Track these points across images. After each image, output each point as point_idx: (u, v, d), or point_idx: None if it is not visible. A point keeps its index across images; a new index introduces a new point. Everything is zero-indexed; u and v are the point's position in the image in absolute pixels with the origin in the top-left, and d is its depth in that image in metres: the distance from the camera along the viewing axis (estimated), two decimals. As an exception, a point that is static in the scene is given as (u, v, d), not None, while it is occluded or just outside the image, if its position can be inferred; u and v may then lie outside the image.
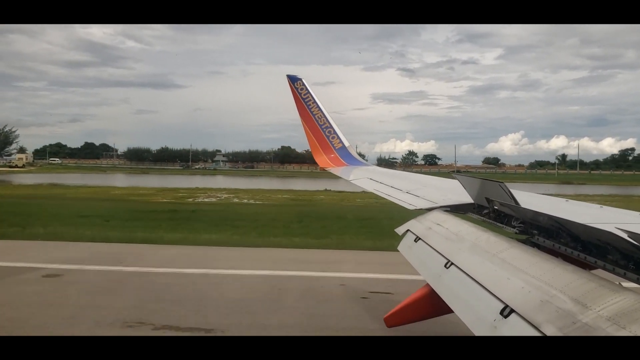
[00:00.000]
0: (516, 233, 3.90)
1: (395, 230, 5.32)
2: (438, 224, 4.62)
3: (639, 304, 2.12)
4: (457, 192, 5.38)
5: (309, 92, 10.68)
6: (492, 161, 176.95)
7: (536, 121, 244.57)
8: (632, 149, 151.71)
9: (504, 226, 4.10)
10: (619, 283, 2.50)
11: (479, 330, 2.72)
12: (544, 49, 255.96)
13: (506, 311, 2.63)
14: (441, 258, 3.84)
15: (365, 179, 8.45)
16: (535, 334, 2.31)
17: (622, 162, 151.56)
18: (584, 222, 3.06)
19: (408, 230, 4.98)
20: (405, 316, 4.56)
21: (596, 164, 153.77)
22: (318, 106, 10.72)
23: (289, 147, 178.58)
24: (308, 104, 10.68)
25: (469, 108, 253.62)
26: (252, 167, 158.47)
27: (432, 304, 4.09)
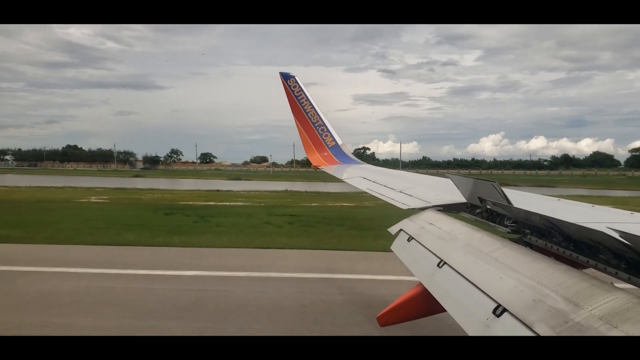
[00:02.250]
0: (509, 232, 3.92)
1: (388, 229, 5.33)
2: (431, 224, 4.63)
3: (631, 304, 2.13)
4: (450, 191, 5.39)
5: (301, 90, 10.64)
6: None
7: (516, 122, 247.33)
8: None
9: (497, 225, 4.11)
10: (611, 282, 2.51)
11: (471, 330, 2.73)
12: (522, 51, 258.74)
13: (499, 310, 2.63)
14: (434, 257, 3.85)
15: (359, 178, 8.45)
16: (528, 333, 2.32)
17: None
18: (576, 222, 3.08)
19: (401, 229, 4.99)
20: (398, 315, 4.57)
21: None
22: (311, 104, 10.69)
23: (76, 146, 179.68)
24: (301, 101, 10.64)
25: (450, 109, 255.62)
26: (35, 166, 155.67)
27: (425, 303, 4.10)
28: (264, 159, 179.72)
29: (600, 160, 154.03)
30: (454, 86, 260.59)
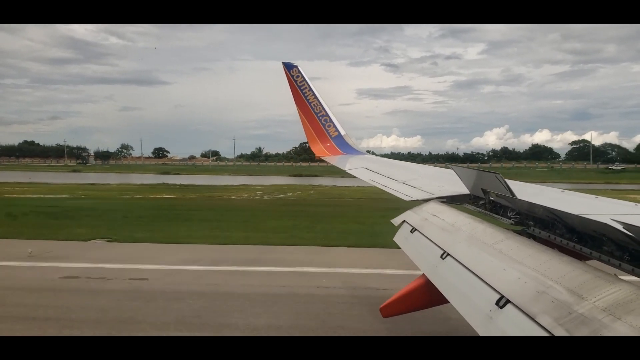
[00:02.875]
0: (512, 224, 3.92)
1: (391, 221, 5.33)
2: (434, 215, 4.63)
3: (635, 295, 2.14)
4: (453, 182, 5.39)
5: (304, 80, 10.57)
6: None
7: (520, 115, 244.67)
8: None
9: (500, 217, 4.11)
10: (615, 274, 2.52)
11: (474, 321, 2.74)
12: (526, 44, 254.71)
13: (502, 302, 2.64)
14: (437, 249, 3.86)
15: (362, 169, 8.43)
16: (531, 324, 2.33)
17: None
18: (579, 213, 3.07)
19: (404, 221, 4.99)
20: (400, 306, 4.59)
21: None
22: (314, 94, 10.63)
23: (33, 142, 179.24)
24: (304, 91, 10.58)
25: (453, 103, 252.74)
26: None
27: (427, 294, 4.12)
28: (215, 153, 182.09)
29: (539, 153, 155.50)
30: (458, 80, 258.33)
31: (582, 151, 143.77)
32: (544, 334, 2.21)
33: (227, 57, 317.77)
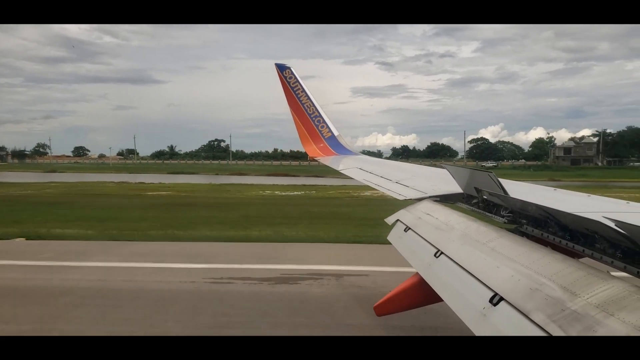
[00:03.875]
0: (505, 222, 3.93)
1: (385, 220, 5.34)
2: (428, 214, 4.64)
3: (627, 292, 2.15)
4: (446, 181, 5.40)
5: (297, 81, 10.58)
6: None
7: (515, 113, 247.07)
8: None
9: (493, 216, 4.13)
10: (607, 271, 2.53)
11: (468, 318, 2.74)
12: (520, 42, 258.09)
13: (495, 299, 2.65)
14: (431, 247, 3.86)
15: (355, 169, 8.44)
16: (525, 321, 2.33)
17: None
18: (572, 211, 3.09)
19: (398, 220, 5.00)
20: (394, 305, 4.59)
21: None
22: (307, 95, 10.64)
23: None
24: (297, 92, 10.60)
25: (448, 101, 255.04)
26: None
27: (421, 292, 4.12)
28: (131, 152, 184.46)
29: (436, 151, 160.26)
30: (452, 78, 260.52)
31: (480, 148, 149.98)
32: (538, 330, 2.22)
33: (221, 56, 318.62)
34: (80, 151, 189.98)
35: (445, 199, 5.08)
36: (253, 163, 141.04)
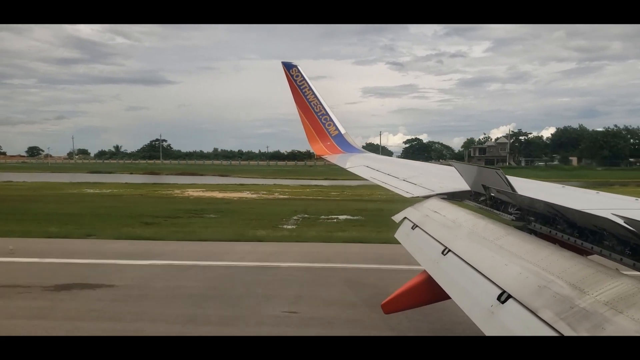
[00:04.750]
0: (513, 220, 3.92)
1: (392, 217, 5.33)
2: (435, 212, 4.63)
3: (637, 289, 2.14)
4: (453, 179, 5.39)
5: (304, 79, 10.59)
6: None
7: (527, 113, 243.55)
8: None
9: (501, 213, 4.11)
10: (616, 269, 2.51)
11: (476, 316, 2.74)
12: (531, 41, 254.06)
13: (503, 297, 2.64)
14: (438, 245, 3.86)
15: (362, 167, 8.44)
16: (533, 319, 2.33)
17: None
18: (580, 208, 3.07)
19: (405, 217, 4.99)
20: (402, 303, 4.59)
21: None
22: (314, 93, 10.65)
23: None
24: (304, 91, 10.60)
25: (459, 101, 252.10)
26: None
27: (429, 290, 4.12)
28: (83, 151, 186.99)
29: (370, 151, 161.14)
30: (463, 78, 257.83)
31: (413, 148, 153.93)
32: (546, 328, 2.21)
33: (232, 57, 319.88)
34: (34, 151, 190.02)
35: (453, 197, 5.07)
36: (186, 162, 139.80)
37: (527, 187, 4.25)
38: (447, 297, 3.34)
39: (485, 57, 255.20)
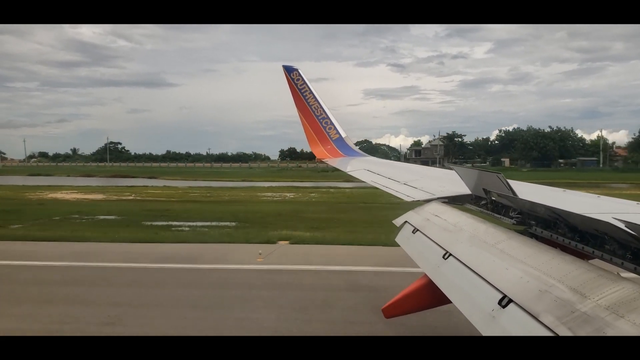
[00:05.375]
0: (514, 224, 3.92)
1: (393, 221, 5.33)
2: (436, 215, 4.63)
3: (638, 293, 2.13)
4: (454, 183, 5.39)
5: (305, 83, 10.61)
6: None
7: (529, 114, 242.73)
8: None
9: (502, 217, 4.11)
10: (617, 273, 2.51)
11: (477, 321, 2.73)
12: (533, 43, 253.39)
13: (504, 301, 2.64)
14: (439, 249, 3.86)
15: (362, 170, 8.44)
16: (534, 323, 2.33)
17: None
18: (581, 213, 3.07)
19: (406, 221, 4.99)
20: (403, 307, 4.59)
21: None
22: (314, 97, 10.66)
23: None
24: (304, 94, 10.62)
25: (461, 102, 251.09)
26: None
27: (430, 294, 4.11)
28: (43, 154, 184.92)
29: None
30: (465, 79, 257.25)
31: (363, 149, 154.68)
32: (547, 332, 2.21)
33: (233, 59, 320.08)
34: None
35: (454, 201, 5.07)
36: (134, 165, 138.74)
37: (528, 191, 4.25)
38: (448, 301, 3.33)
39: (486, 59, 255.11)
